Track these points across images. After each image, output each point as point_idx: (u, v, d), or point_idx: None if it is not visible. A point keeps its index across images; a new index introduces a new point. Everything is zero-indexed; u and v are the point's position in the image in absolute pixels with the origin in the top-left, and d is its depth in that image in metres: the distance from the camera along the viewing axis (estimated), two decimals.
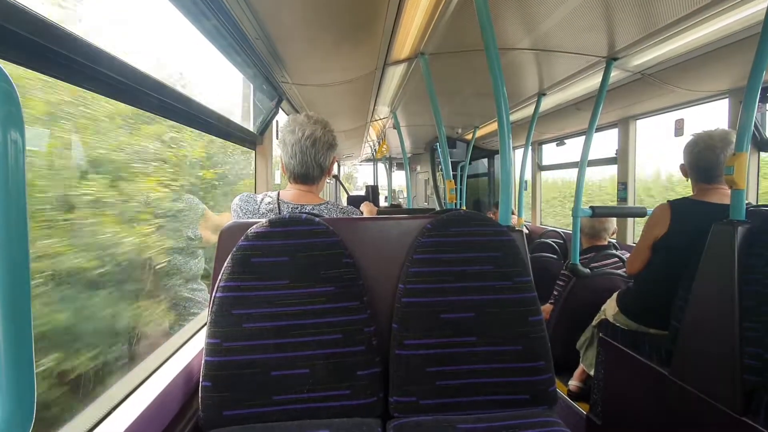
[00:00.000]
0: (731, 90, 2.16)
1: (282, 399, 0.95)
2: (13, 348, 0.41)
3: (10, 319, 0.40)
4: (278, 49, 1.71)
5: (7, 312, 0.40)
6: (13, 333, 0.41)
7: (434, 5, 1.54)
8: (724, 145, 1.49)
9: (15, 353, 0.41)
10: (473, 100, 3.14)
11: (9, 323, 0.40)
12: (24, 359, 0.42)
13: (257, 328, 0.96)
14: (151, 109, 1.01)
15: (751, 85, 1.21)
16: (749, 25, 1.51)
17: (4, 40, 0.54)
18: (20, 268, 0.41)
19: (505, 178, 1.32)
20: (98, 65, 0.75)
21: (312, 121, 1.22)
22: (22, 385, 0.41)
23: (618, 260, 2.30)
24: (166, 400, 0.92)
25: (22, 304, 0.41)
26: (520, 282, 1.04)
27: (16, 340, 0.41)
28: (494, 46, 1.29)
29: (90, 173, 1.13)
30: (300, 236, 1.00)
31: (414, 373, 0.99)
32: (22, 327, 0.42)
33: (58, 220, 1.01)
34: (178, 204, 1.72)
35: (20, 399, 0.41)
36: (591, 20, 1.61)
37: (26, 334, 0.42)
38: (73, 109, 1.02)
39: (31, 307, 0.43)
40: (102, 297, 1.18)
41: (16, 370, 0.41)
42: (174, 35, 1.52)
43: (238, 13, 1.31)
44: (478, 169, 6.00)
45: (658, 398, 1.42)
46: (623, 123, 2.93)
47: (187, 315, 1.68)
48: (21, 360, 0.41)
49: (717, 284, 1.21)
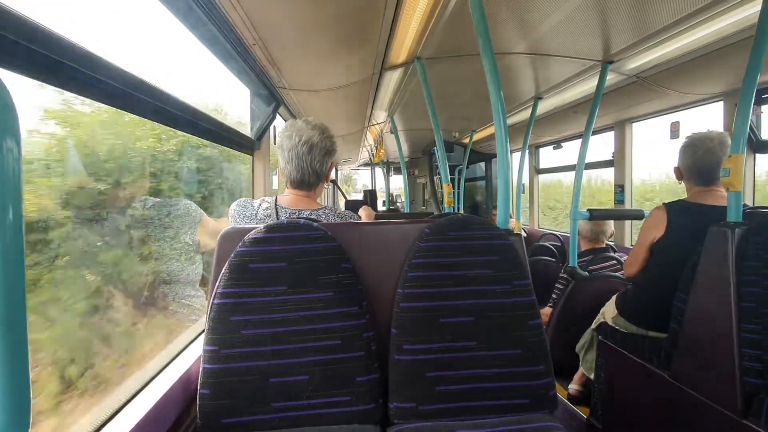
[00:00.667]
0: (726, 93, 2.18)
1: (281, 406, 0.94)
2: (9, 354, 0.40)
3: (7, 325, 0.40)
4: (275, 55, 1.71)
5: (3, 318, 0.40)
6: (9, 339, 0.40)
7: (430, 10, 1.55)
8: (722, 147, 1.49)
9: (11, 359, 0.40)
10: (470, 104, 3.16)
11: (5, 330, 0.40)
12: (20, 365, 0.41)
13: (256, 335, 0.95)
14: (148, 116, 1.01)
15: (745, 87, 1.22)
16: (743, 27, 1.53)
17: (1, 48, 0.54)
18: (16, 273, 0.41)
19: (503, 181, 1.32)
20: (95, 72, 0.75)
21: (310, 127, 1.21)
22: (18, 392, 0.41)
23: (616, 263, 2.31)
24: (164, 407, 0.91)
25: (17, 309, 0.41)
26: (519, 286, 1.04)
27: (12, 346, 0.40)
28: (490, 50, 1.29)
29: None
30: (298, 241, 1.00)
31: (413, 379, 0.99)
32: (18, 333, 0.41)
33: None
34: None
35: (17, 405, 0.41)
36: (586, 24, 1.63)
37: (22, 340, 0.41)
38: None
39: (26, 313, 0.42)
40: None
41: (12, 376, 0.40)
42: (170, 41, 1.52)
43: (235, 18, 1.31)
44: (476, 173, 6.02)
45: (658, 401, 1.41)
46: (619, 126, 2.95)
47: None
48: (17, 366, 0.41)
49: (715, 286, 1.21)
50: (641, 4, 1.44)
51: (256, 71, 1.78)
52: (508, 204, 1.31)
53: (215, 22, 1.26)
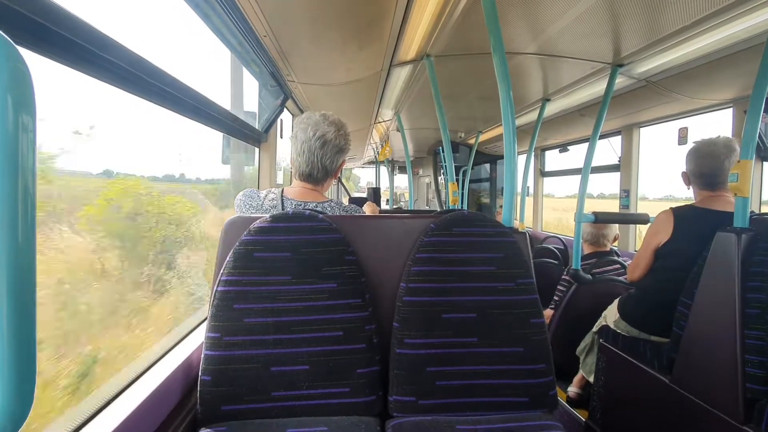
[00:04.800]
0: (736, 99, 2.16)
1: (281, 395, 0.94)
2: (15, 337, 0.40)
3: (14, 311, 0.40)
4: (285, 47, 1.71)
5: (12, 303, 0.40)
6: (17, 324, 0.40)
7: (441, 7, 1.54)
8: (728, 152, 1.48)
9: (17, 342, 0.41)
10: (477, 104, 3.15)
11: (13, 314, 0.40)
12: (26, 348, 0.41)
13: (258, 324, 0.95)
14: (156, 100, 1.01)
15: (756, 94, 1.21)
16: (755, 34, 1.52)
17: (18, 24, 0.55)
18: (27, 257, 0.40)
19: (509, 182, 1.32)
20: (106, 53, 0.75)
21: (327, 122, 1.20)
22: (22, 373, 0.41)
23: (620, 267, 2.30)
24: (165, 393, 0.92)
25: (27, 296, 0.41)
26: (523, 283, 1.03)
27: (19, 330, 0.41)
28: (501, 49, 1.28)
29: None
30: (303, 232, 1.00)
31: (414, 373, 0.99)
32: (26, 317, 0.41)
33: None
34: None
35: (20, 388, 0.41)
36: (597, 26, 1.62)
37: (30, 326, 0.42)
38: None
39: (36, 299, 0.42)
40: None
41: (18, 358, 0.41)
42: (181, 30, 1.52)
43: (247, 9, 1.32)
44: (480, 175, 6.01)
45: (659, 406, 1.41)
46: (627, 130, 2.94)
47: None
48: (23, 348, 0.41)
49: (720, 292, 1.20)
50: (653, 7, 1.43)
51: (265, 63, 1.78)
52: (512, 204, 1.31)
53: (227, 11, 1.26)
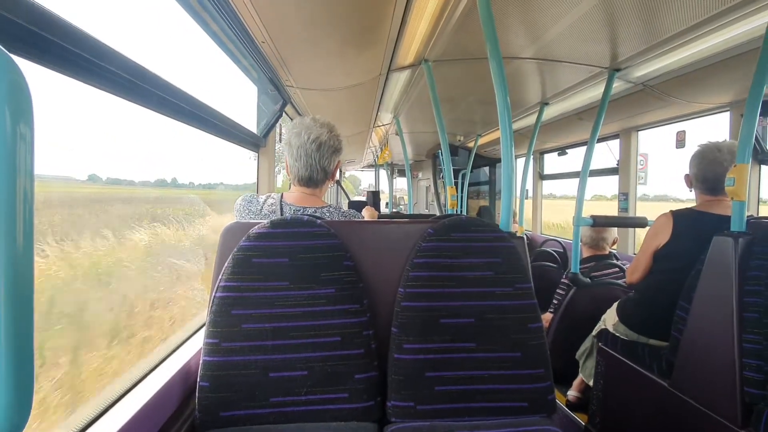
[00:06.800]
0: (732, 103, 2.17)
1: (279, 401, 0.94)
2: (13, 338, 0.41)
3: (12, 311, 0.40)
4: (284, 53, 1.72)
5: (10, 304, 0.40)
6: (14, 325, 0.40)
7: (439, 12, 1.55)
8: (731, 157, 1.48)
9: (16, 343, 0.41)
10: (476, 107, 3.16)
11: (11, 315, 0.40)
12: (24, 350, 0.42)
13: (256, 329, 0.95)
14: (154, 107, 1.01)
15: (752, 97, 1.22)
16: (751, 38, 1.53)
17: (15, 35, 0.55)
18: (25, 261, 0.41)
19: (507, 185, 1.32)
20: (101, 60, 0.75)
21: (318, 125, 1.22)
22: (21, 375, 0.41)
23: (618, 270, 2.30)
24: (163, 399, 0.91)
25: (25, 297, 0.41)
26: (521, 288, 1.03)
27: (17, 331, 0.41)
28: (498, 54, 1.29)
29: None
30: (301, 238, 1.00)
31: (412, 378, 0.99)
32: (25, 318, 0.42)
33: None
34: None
35: (19, 390, 0.41)
36: (594, 31, 1.63)
37: (28, 327, 0.42)
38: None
39: (34, 301, 0.43)
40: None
41: (17, 360, 0.41)
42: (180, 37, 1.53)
43: (245, 15, 1.32)
44: (479, 178, 6.01)
45: (658, 410, 1.40)
46: (625, 134, 2.95)
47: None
48: (21, 350, 0.41)
49: (718, 295, 1.20)
50: (650, 12, 1.44)
51: (264, 69, 1.79)
52: (510, 207, 1.31)
53: (225, 18, 1.27)
